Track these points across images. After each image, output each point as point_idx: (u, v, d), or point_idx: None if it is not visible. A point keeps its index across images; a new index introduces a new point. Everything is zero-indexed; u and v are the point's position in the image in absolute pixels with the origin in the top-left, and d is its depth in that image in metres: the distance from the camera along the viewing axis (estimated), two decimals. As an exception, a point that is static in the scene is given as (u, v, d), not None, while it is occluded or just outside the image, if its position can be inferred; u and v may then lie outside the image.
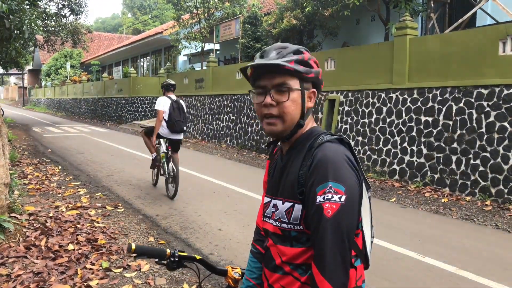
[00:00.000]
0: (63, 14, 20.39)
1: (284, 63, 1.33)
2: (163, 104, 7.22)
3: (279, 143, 1.54)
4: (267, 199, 1.50)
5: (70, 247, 4.57)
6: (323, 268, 1.20)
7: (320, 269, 1.20)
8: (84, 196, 7.16)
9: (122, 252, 4.61)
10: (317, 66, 1.43)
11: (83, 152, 12.48)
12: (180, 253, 1.64)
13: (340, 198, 1.22)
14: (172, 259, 1.62)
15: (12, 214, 4.99)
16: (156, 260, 1.63)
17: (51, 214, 5.72)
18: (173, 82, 7.55)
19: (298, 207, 1.34)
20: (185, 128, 7.43)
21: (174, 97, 7.38)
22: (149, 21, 57.47)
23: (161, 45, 28.26)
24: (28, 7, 12.80)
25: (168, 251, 1.62)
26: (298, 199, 1.33)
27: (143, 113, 23.39)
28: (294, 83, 1.36)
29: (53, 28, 20.97)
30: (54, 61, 39.01)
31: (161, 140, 7.58)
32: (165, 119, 7.21)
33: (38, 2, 16.22)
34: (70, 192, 7.40)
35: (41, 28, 17.69)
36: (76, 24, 21.83)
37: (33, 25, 10.84)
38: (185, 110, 7.45)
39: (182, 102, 7.44)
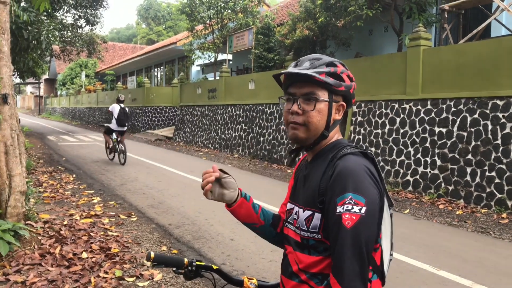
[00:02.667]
0: (79, 24, 20.76)
1: (313, 74, 1.36)
2: (114, 109, 11.81)
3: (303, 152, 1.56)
4: (290, 205, 1.53)
5: (84, 255, 4.60)
6: (341, 278, 1.20)
7: (338, 279, 1.21)
8: (98, 204, 7.22)
9: (135, 261, 4.63)
10: (350, 80, 1.45)
11: (97, 161, 12.60)
12: (197, 263, 1.64)
13: (360, 209, 1.22)
14: (189, 268, 1.63)
15: (28, 222, 5.06)
16: (174, 269, 1.63)
17: (65, 222, 5.78)
18: (122, 98, 12.03)
19: (317, 216, 1.35)
20: (126, 124, 11.97)
21: (122, 105, 11.87)
22: (163, 31, 58.13)
23: (175, 55, 28.53)
24: (45, 18, 13.06)
25: (186, 260, 1.63)
26: (318, 208, 1.35)
27: (156, 122, 23.57)
28: (323, 94, 1.39)
29: (69, 39, 21.34)
30: (70, 70, 39.61)
31: (114, 133, 11.94)
32: (115, 118, 11.68)
33: (55, 13, 16.54)
34: (84, 200, 7.47)
35: (58, 39, 18.02)
36: (92, 34, 22.20)
37: (50, 35, 11.06)
38: (128, 114, 11.97)
39: (127, 109, 12.03)
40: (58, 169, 10.81)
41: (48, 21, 13.13)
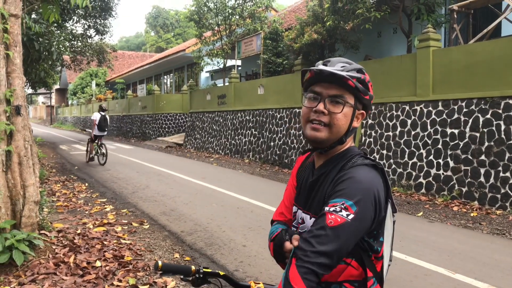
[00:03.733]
0: (89, 34, 20.98)
1: (348, 77, 1.35)
2: (96, 116, 13.64)
3: (310, 156, 1.55)
4: (294, 209, 1.53)
5: (98, 263, 4.63)
6: (300, 261, 1.22)
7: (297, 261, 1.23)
8: (111, 212, 7.26)
9: (148, 269, 4.64)
10: (371, 90, 1.46)
11: (109, 169, 12.69)
12: (204, 270, 1.66)
13: (348, 215, 1.22)
14: (197, 275, 1.65)
15: (42, 231, 5.09)
16: (182, 276, 1.65)
17: (78, 231, 5.81)
18: (105, 107, 14.02)
19: None
20: (106, 129, 13.78)
21: (103, 113, 13.72)
22: (172, 39, 58.54)
23: (184, 62, 28.70)
24: (56, 29, 13.23)
25: (193, 267, 1.65)
26: None
27: (166, 129, 23.70)
28: (350, 99, 1.39)
29: (79, 48, 21.58)
30: (80, 80, 40.05)
31: (96, 139, 13.71)
32: (96, 125, 13.51)
33: (65, 24, 16.75)
34: (96, 209, 7.52)
35: (68, 49, 18.24)
36: (101, 43, 22.42)
37: (60, 46, 11.20)
38: (107, 120, 13.75)
39: (107, 116, 13.82)
40: (71, 178, 10.91)
41: (59, 32, 13.30)
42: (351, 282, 1.36)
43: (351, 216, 1.21)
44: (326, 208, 1.24)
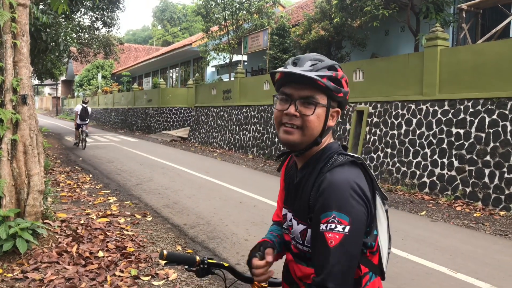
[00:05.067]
0: (96, 26, 20.97)
1: (317, 78, 1.30)
2: (78, 108, 16.19)
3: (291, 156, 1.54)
4: (284, 210, 1.51)
5: (100, 254, 4.65)
6: None
7: None
8: (114, 204, 7.30)
9: (150, 260, 4.66)
10: (347, 85, 1.40)
11: (113, 161, 12.74)
12: (209, 260, 1.66)
13: (344, 228, 1.19)
14: (201, 266, 1.65)
15: (46, 221, 5.13)
16: (186, 267, 1.65)
17: (82, 221, 5.85)
18: (87, 100, 16.73)
19: (310, 232, 1.33)
20: (87, 119, 16.11)
21: (85, 105, 16.16)
22: (179, 33, 58.52)
23: (190, 57, 28.70)
24: (63, 20, 13.25)
25: (198, 258, 1.65)
26: (309, 224, 1.33)
27: (171, 123, 23.73)
28: (322, 99, 1.33)
29: (86, 40, 21.58)
30: (87, 72, 40.14)
31: (79, 127, 16.09)
32: (78, 115, 15.92)
33: (73, 15, 16.78)
34: (100, 200, 7.55)
35: (75, 40, 18.27)
36: (108, 36, 22.42)
37: (68, 37, 11.21)
38: (88, 111, 16.17)
39: (89, 108, 16.37)
40: (75, 169, 10.96)
41: (66, 23, 13.31)
42: None
43: (347, 228, 1.19)
44: (322, 227, 1.21)
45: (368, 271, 1.33)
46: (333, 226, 1.19)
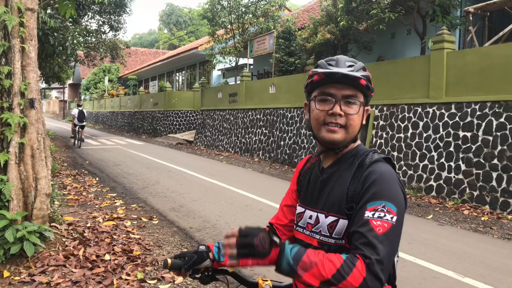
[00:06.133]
0: (103, 30, 21.10)
1: (361, 77, 1.36)
2: (75, 111, 18.54)
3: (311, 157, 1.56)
4: (300, 209, 1.51)
5: (107, 257, 4.67)
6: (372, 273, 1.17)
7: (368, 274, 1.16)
8: (120, 207, 7.32)
9: (156, 264, 4.67)
10: None
11: (120, 164, 12.78)
12: (213, 267, 1.65)
13: (392, 218, 1.23)
14: (206, 273, 1.64)
15: (52, 224, 5.15)
16: (190, 273, 1.64)
17: (88, 225, 5.87)
18: (81, 103, 20.10)
19: (342, 222, 1.35)
20: (84, 120, 18.22)
21: (81, 108, 18.54)
22: (185, 36, 58.72)
23: (196, 60, 28.79)
24: (71, 24, 13.35)
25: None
26: (345, 214, 1.34)
27: (177, 126, 23.79)
28: (361, 98, 1.40)
29: (93, 44, 21.72)
30: (93, 75, 40.37)
31: (77, 126, 17.93)
32: (76, 117, 18.06)
33: (80, 19, 16.89)
34: (106, 203, 7.58)
35: (82, 44, 18.40)
36: (115, 40, 22.54)
37: (75, 41, 11.30)
38: (84, 113, 18.40)
39: (84, 110, 18.70)
40: (82, 172, 11.01)
41: (73, 27, 13.41)
42: None
43: (395, 218, 1.23)
44: (368, 214, 1.23)
45: None
46: (382, 214, 1.23)
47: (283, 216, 1.65)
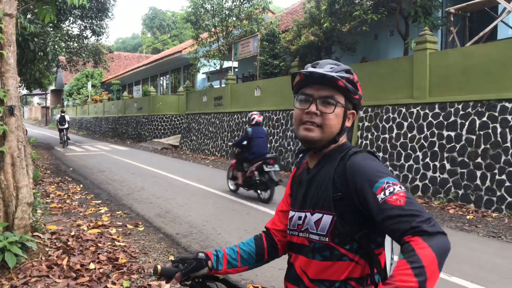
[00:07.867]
0: (85, 35, 20.85)
1: (338, 77, 1.38)
2: (57, 116, 23.59)
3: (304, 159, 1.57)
4: (291, 213, 1.52)
5: (92, 266, 4.57)
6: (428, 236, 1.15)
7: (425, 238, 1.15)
8: (105, 214, 7.20)
9: (142, 271, 4.59)
10: (360, 90, 1.48)
11: (104, 170, 12.62)
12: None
13: (400, 187, 1.24)
14: (196, 280, 1.61)
15: (35, 233, 5.03)
16: (180, 281, 1.60)
17: (72, 233, 5.75)
18: (64, 110, 22.16)
19: (326, 219, 1.35)
20: (66, 124, 20.67)
21: (63, 114, 20.89)
22: (168, 40, 58.45)
23: (180, 64, 28.65)
24: (51, 29, 13.16)
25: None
26: (331, 209, 1.35)
27: (162, 131, 23.61)
28: (340, 99, 1.41)
29: (75, 49, 21.44)
30: (76, 81, 39.87)
31: (61, 130, 20.64)
32: (57, 121, 20.78)
33: (61, 24, 16.67)
34: (91, 210, 7.45)
35: (64, 49, 18.16)
36: (97, 44, 22.29)
37: (56, 46, 11.13)
38: (65, 118, 20.62)
39: (67, 116, 21.03)
40: (65, 179, 10.83)
41: (54, 32, 13.22)
42: (357, 280, 1.35)
43: (402, 186, 1.25)
44: (381, 196, 1.22)
45: (377, 273, 1.36)
46: (392, 189, 1.23)
47: (278, 221, 1.66)
